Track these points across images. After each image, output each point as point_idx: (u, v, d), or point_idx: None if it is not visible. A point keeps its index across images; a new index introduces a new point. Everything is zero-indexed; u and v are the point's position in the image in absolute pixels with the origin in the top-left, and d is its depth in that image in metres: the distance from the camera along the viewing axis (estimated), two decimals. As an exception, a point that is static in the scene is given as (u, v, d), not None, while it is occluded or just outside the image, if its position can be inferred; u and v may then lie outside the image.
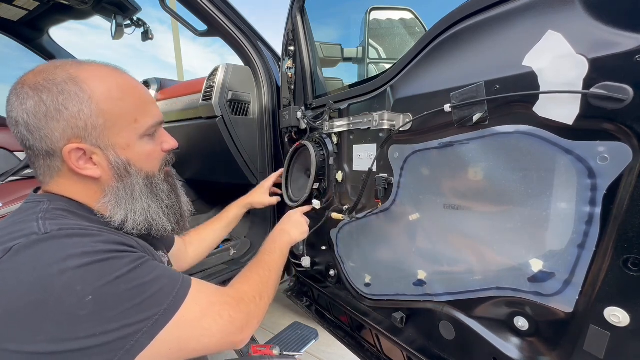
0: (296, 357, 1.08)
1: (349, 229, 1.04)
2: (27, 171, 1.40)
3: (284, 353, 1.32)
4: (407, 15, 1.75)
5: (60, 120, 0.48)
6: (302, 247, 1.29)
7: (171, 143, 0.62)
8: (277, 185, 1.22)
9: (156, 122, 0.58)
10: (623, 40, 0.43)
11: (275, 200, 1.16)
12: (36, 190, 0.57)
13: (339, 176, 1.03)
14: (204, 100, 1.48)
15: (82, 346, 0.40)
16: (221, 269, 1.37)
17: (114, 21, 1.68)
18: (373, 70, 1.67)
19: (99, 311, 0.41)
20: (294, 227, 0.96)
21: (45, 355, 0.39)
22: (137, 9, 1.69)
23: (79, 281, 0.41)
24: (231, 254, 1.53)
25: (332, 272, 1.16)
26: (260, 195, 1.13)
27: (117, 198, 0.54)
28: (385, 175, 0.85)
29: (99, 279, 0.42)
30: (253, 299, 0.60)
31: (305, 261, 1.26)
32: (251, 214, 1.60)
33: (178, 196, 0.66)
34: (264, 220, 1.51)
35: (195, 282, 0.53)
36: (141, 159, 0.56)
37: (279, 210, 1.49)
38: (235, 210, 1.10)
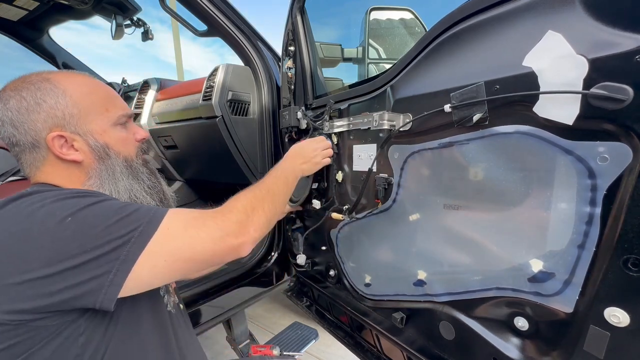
0: (296, 357, 1.08)
1: (349, 229, 1.04)
2: (27, 171, 1.39)
3: (284, 353, 1.32)
4: (407, 15, 1.75)
5: (41, 112, 0.54)
6: (300, 247, 1.29)
7: (142, 133, 0.69)
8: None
9: (125, 112, 0.64)
10: (623, 41, 0.43)
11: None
12: None
13: (339, 176, 1.03)
14: (204, 100, 1.48)
15: (78, 262, 0.44)
16: (221, 268, 1.37)
17: (114, 21, 1.68)
18: (373, 71, 1.67)
19: (82, 229, 0.46)
20: (306, 150, 0.92)
21: (47, 279, 0.43)
22: (137, 9, 1.69)
23: (59, 208, 0.47)
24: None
25: (332, 272, 1.16)
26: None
27: (101, 179, 0.59)
28: (385, 175, 0.85)
29: (76, 205, 0.47)
30: (243, 210, 0.61)
31: (300, 258, 1.26)
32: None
33: (158, 179, 0.70)
34: (264, 220, 1.51)
35: (174, 209, 0.58)
36: (117, 143, 0.62)
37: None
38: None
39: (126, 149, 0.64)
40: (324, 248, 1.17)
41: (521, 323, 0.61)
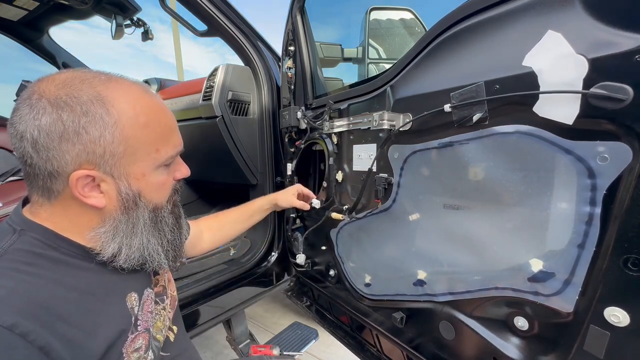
0: (296, 357, 1.08)
1: (349, 229, 1.04)
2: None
3: (284, 353, 1.32)
4: (407, 15, 1.75)
5: (77, 144, 0.42)
6: (300, 247, 1.29)
7: (184, 171, 0.57)
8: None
9: (177, 151, 0.53)
10: (623, 40, 0.43)
11: (301, 204, 1.06)
12: (25, 201, 0.51)
13: (339, 176, 1.03)
14: (204, 100, 1.48)
15: None
16: (221, 269, 1.37)
17: (114, 21, 1.68)
18: (373, 70, 1.67)
19: None
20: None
21: None
22: (137, 9, 1.69)
23: None
24: (231, 254, 1.53)
25: (332, 272, 1.16)
26: (288, 195, 1.05)
27: (115, 230, 0.49)
28: (385, 175, 0.85)
29: None
30: None
31: (300, 258, 1.26)
32: (251, 214, 1.60)
33: (181, 228, 0.60)
34: (264, 221, 1.51)
35: None
36: (152, 189, 0.51)
37: (279, 211, 1.49)
38: (260, 203, 1.04)
39: (159, 196, 0.53)
40: (323, 248, 1.17)
41: (521, 323, 0.61)
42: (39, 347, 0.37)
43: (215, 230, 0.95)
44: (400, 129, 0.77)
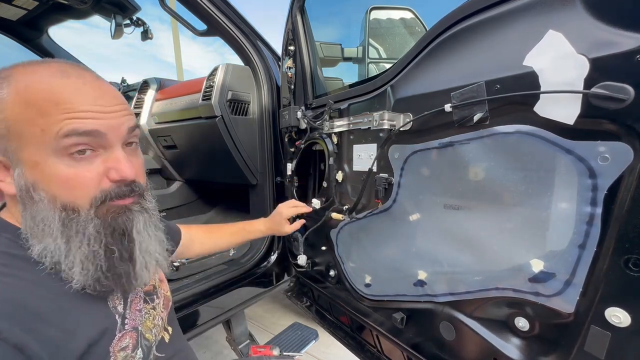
0: (296, 357, 1.08)
1: (349, 229, 1.03)
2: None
3: (284, 353, 1.32)
4: (408, 15, 1.75)
5: None
6: (300, 247, 1.29)
7: (123, 172, 0.45)
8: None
9: (72, 131, 0.41)
10: (624, 40, 0.43)
11: (297, 225, 1.11)
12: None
13: (339, 176, 1.03)
14: (203, 100, 1.48)
15: None
16: (221, 269, 1.37)
17: (114, 21, 1.67)
18: (373, 70, 1.67)
19: None
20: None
21: None
22: (136, 9, 1.69)
23: None
24: (231, 254, 1.53)
25: (332, 273, 1.16)
26: (281, 226, 1.08)
27: (26, 226, 0.43)
28: (386, 175, 0.85)
29: None
30: None
31: (301, 259, 1.26)
32: (251, 214, 1.60)
33: (118, 244, 0.46)
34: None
35: None
36: (54, 183, 0.42)
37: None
38: (259, 227, 1.08)
39: (69, 193, 0.43)
40: (323, 248, 1.17)
41: (522, 323, 0.61)
42: (13, 345, 0.36)
43: (199, 245, 0.96)
44: (401, 129, 0.76)
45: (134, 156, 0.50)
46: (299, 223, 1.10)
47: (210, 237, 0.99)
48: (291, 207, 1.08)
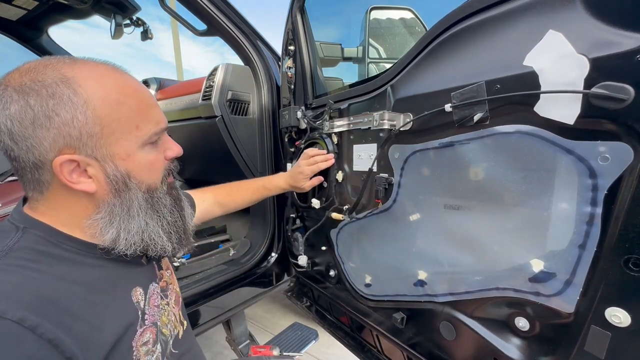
0: (296, 357, 1.08)
1: (349, 229, 1.03)
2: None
3: (284, 354, 1.32)
4: (408, 15, 1.75)
5: (50, 129, 0.42)
6: (301, 247, 1.29)
7: (175, 150, 0.55)
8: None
9: (160, 128, 0.51)
10: (624, 40, 0.43)
11: (316, 181, 1.08)
12: (25, 200, 0.51)
13: (339, 176, 1.03)
14: (203, 100, 1.48)
15: None
16: (221, 269, 1.37)
17: (113, 20, 1.67)
18: (373, 70, 1.67)
19: None
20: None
21: None
22: (136, 9, 1.69)
23: None
24: (231, 254, 1.53)
25: (332, 273, 1.16)
26: (300, 182, 1.06)
27: (111, 215, 0.48)
28: (386, 175, 0.85)
29: None
30: None
31: (302, 259, 1.26)
32: (251, 214, 1.60)
33: (182, 210, 0.58)
34: (264, 220, 1.51)
35: None
36: (142, 169, 0.50)
37: (279, 211, 1.49)
38: (277, 182, 1.09)
39: (151, 176, 0.51)
40: (324, 248, 1.17)
41: (522, 323, 0.61)
42: (48, 340, 0.37)
43: (224, 207, 0.99)
44: (401, 129, 0.76)
45: None
46: (318, 180, 1.07)
47: (230, 197, 1.01)
48: (311, 163, 1.04)
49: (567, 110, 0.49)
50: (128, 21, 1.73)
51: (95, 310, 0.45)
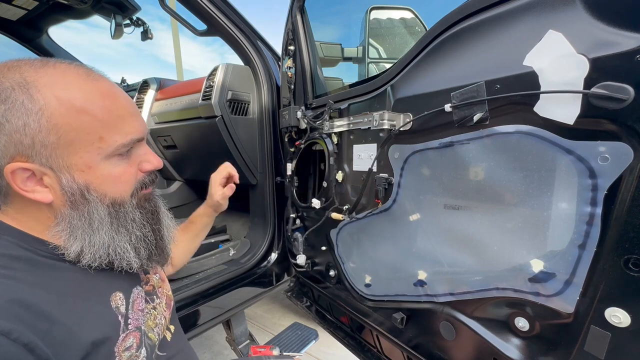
0: (296, 357, 1.08)
1: (349, 229, 1.03)
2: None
3: (284, 353, 1.32)
4: (408, 15, 1.75)
5: (1, 135, 0.40)
6: (300, 247, 1.29)
7: (154, 163, 0.52)
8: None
9: (130, 140, 0.47)
10: (624, 40, 0.43)
11: (229, 191, 0.90)
12: None
13: (339, 176, 1.03)
14: (203, 100, 1.47)
15: None
16: (221, 269, 1.37)
17: (113, 20, 1.67)
18: (373, 70, 1.67)
19: None
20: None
21: None
22: (136, 9, 1.69)
23: None
24: (231, 254, 1.53)
25: (332, 273, 1.16)
26: (215, 190, 0.90)
27: (72, 227, 0.46)
28: (386, 175, 0.85)
29: None
30: None
31: (300, 259, 1.26)
32: (251, 214, 1.60)
33: (156, 223, 0.55)
34: (264, 220, 1.51)
35: None
36: (106, 182, 0.47)
37: (279, 211, 1.49)
38: (198, 219, 0.92)
39: (117, 189, 0.48)
40: (323, 248, 1.17)
41: (522, 323, 0.61)
42: (23, 345, 0.36)
43: (178, 258, 0.88)
44: (401, 129, 0.76)
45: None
46: (230, 188, 0.91)
47: (180, 246, 0.87)
48: (221, 174, 0.91)
49: (567, 110, 0.49)
50: (128, 21, 1.73)
51: (71, 317, 0.43)
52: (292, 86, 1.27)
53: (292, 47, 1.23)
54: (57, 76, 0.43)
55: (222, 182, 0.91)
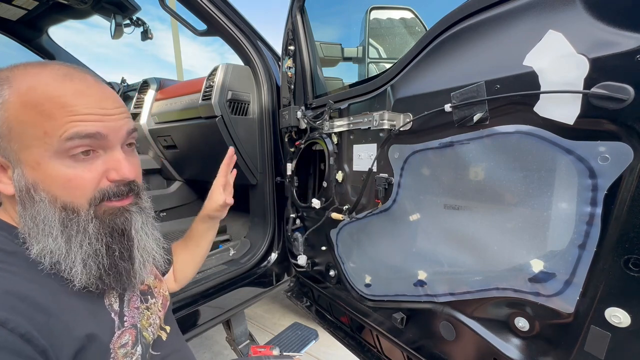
0: (296, 357, 1.08)
1: (349, 229, 1.03)
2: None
3: (284, 353, 1.32)
4: (408, 15, 1.75)
5: None
6: (300, 247, 1.29)
7: (122, 172, 0.47)
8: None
9: (73, 133, 0.42)
10: (624, 40, 0.43)
11: (228, 198, 0.82)
12: None
13: (339, 176, 1.03)
14: (203, 100, 1.48)
15: None
16: (221, 269, 1.37)
17: (113, 20, 1.67)
18: (373, 70, 1.67)
19: None
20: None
21: None
22: (136, 9, 1.69)
23: None
24: (231, 254, 1.53)
25: (332, 273, 1.16)
26: (215, 197, 0.81)
27: (27, 228, 0.44)
28: (386, 175, 0.85)
29: None
30: None
31: (301, 259, 1.26)
32: (251, 214, 1.60)
33: (117, 243, 0.48)
34: (264, 220, 1.51)
35: None
36: (55, 183, 0.43)
37: (279, 211, 1.49)
38: (197, 227, 0.85)
39: (69, 194, 0.44)
40: (323, 248, 1.17)
41: (522, 323, 0.61)
42: (20, 335, 0.36)
43: (180, 275, 0.84)
44: (401, 129, 0.76)
45: (132, 156, 0.52)
46: (229, 194, 0.83)
47: (181, 273, 0.84)
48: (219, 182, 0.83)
49: (567, 111, 0.49)
50: (128, 21, 1.74)
51: (65, 312, 0.43)
52: (292, 86, 1.27)
53: (292, 47, 1.23)
54: (32, 74, 0.43)
55: (222, 181, 0.83)
